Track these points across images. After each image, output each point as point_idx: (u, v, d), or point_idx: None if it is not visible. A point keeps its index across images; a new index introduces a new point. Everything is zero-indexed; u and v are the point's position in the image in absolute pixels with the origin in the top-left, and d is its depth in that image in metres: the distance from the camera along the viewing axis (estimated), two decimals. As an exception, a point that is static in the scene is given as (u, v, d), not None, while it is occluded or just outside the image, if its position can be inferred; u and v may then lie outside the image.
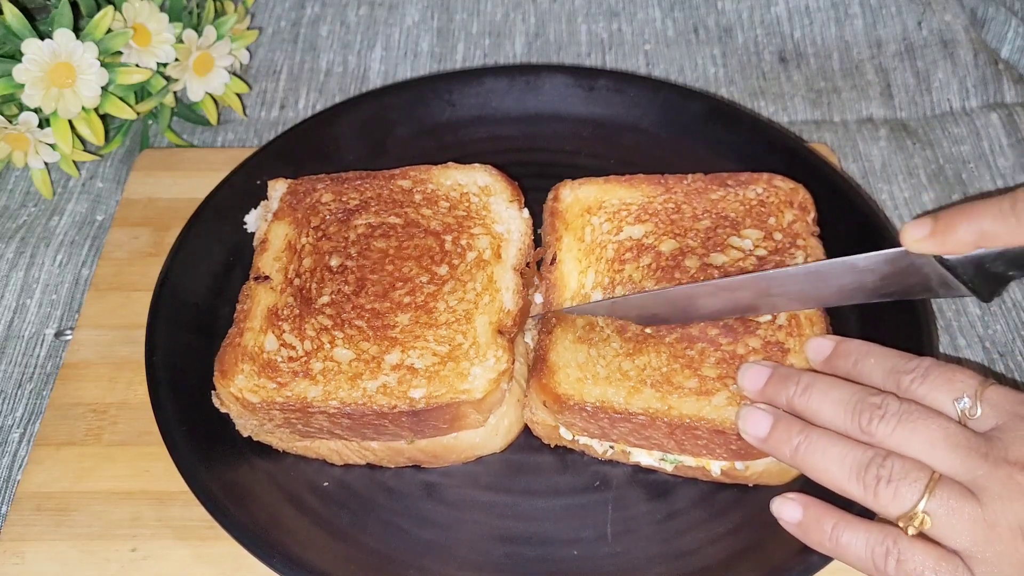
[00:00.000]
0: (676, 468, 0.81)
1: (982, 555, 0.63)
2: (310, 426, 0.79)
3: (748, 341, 0.80)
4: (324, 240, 0.88)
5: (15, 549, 0.78)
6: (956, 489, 0.64)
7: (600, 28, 1.27)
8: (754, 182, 0.90)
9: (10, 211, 1.07)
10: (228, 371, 0.79)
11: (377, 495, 0.81)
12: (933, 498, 0.64)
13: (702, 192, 0.90)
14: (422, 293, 0.84)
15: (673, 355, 0.80)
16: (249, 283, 0.86)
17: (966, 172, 1.09)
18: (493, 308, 0.83)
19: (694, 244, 0.87)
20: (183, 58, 1.06)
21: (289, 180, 0.93)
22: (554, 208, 0.91)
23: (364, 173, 0.94)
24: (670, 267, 0.85)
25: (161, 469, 0.81)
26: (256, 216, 0.94)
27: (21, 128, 0.99)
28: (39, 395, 0.91)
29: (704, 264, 0.85)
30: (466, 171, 0.93)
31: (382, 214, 0.90)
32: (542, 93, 1.08)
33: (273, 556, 0.73)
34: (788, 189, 0.89)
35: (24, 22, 0.97)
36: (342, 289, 0.85)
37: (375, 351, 0.80)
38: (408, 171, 0.94)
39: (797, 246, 0.85)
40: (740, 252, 0.86)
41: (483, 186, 0.92)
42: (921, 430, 0.66)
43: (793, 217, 0.88)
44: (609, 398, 0.77)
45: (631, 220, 0.89)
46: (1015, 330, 0.95)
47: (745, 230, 0.87)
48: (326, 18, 1.29)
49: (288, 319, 0.83)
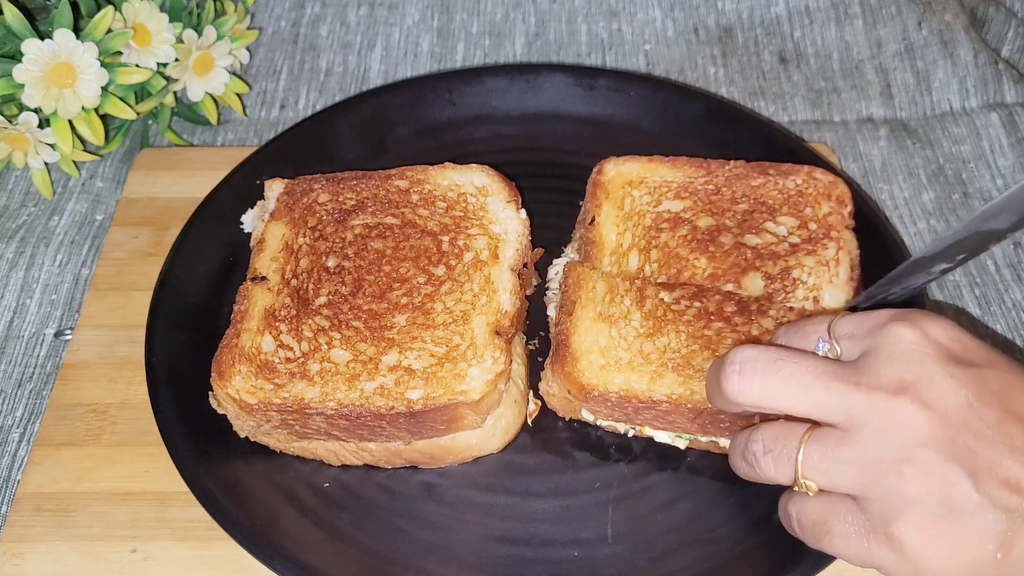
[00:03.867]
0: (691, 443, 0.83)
1: (872, 495, 0.61)
2: (307, 427, 0.79)
3: (762, 322, 0.82)
4: (321, 240, 0.88)
5: (15, 550, 0.78)
6: (830, 438, 0.62)
7: (600, 28, 1.27)
8: (795, 173, 0.91)
9: (10, 211, 1.07)
10: (225, 372, 0.79)
11: (377, 496, 0.81)
12: (808, 457, 0.62)
13: (743, 178, 0.92)
14: (419, 294, 0.84)
15: (692, 335, 0.81)
16: (246, 284, 0.86)
17: (966, 172, 1.09)
18: (490, 309, 0.83)
19: (730, 224, 0.89)
20: (183, 58, 1.06)
21: (286, 180, 0.93)
22: (596, 180, 0.93)
23: (360, 173, 0.94)
24: (705, 240, 0.87)
25: (161, 470, 0.81)
26: (253, 216, 0.94)
27: (21, 128, 0.99)
28: (39, 395, 0.91)
29: (738, 243, 0.87)
30: (463, 171, 0.93)
31: (379, 215, 0.90)
32: (542, 92, 1.08)
33: (273, 557, 0.73)
34: (828, 182, 0.91)
35: (24, 22, 0.97)
36: (339, 290, 0.85)
37: (372, 352, 0.80)
38: (405, 171, 0.93)
39: (831, 237, 0.87)
40: (774, 237, 0.88)
41: (480, 186, 0.92)
42: (788, 375, 0.63)
43: (829, 209, 0.89)
44: (632, 386, 0.78)
45: (671, 196, 0.91)
46: (1015, 330, 0.95)
47: (781, 217, 0.89)
48: (326, 18, 1.29)
49: (285, 320, 0.83)
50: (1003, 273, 0.99)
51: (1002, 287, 0.98)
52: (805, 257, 0.86)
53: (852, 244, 0.87)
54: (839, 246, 0.86)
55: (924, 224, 1.04)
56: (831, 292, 0.84)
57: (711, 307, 0.83)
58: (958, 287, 0.98)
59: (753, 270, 0.85)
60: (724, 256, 0.86)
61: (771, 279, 0.85)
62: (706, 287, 0.85)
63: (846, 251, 0.86)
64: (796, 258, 0.86)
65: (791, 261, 0.85)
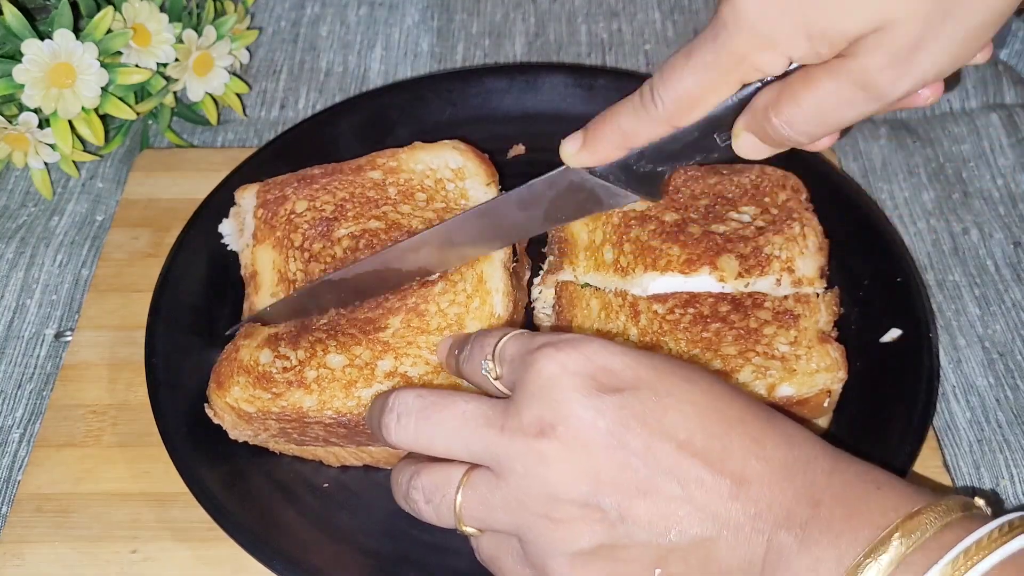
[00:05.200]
0: None
1: (527, 537, 0.60)
2: (305, 435, 0.79)
3: (759, 314, 0.83)
4: (313, 263, 0.88)
5: (15, 551, 0.78)
6: (483, 484, 0.61)
7: (600, 28, 1.27)
8: (747, 171, 0.94)
9: (10, 211, 1.07)
10: (224, 383, 0.79)
11: (377, 496, 0.81)
12: (466, 504, 0.61)
13: (699, 178, 0.94)
14: (412, 296, 0.84)
15: (691, 340, 0.82)
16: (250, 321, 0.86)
17: (966, 171, 1.09)
18: (484, 314, 0.82)
19: (695, 216, 0.91)
20: (183, 58, 1.06)
21: (256, 186, 0.92)
22: None
23: (330, 167, 0.92)
24: (674, 231, 0.89)
25: (161, 471, 0.81)
26: (230, 228, 0.93)
27: (21, 128, 0.99)
28: (39, 395, 0.91)
29: (706, 231, 0.89)
30: (435, 151, 0.92)
31: (361, 219, 0.89)
32: (542, 92, 1.08)
33: (273, 557, 0.73)
34: (780, 175, 0.93)
35: (24, 22, 0.97)
36: (340, 310, 0.85)
37: (368, 356, 0.80)
38: (375, 159, 0.92)
39: (793, 218, 0.89)
40: (739, 223, 0.90)
41: (456, 168, 0.91)
42: (440, 421, 0.62)
43: (787, 197, 0.92)
44: None
45: None
46: (1015, 330, 0.95)
47: (743, 207, 0.91)
48: (326, 18, 1.29)
49: (286, 339, 0.83)
50: (1003, 273, 0.99)
51: (1002, 287, 0.98)
52: (773, 236, 0.88)
53: (814, 221, 0.89)
54: (803, 223, 0.89)
55: (924, 224, 1.04)
56: (804, 262, 0.86)
57: (705, 310, 0.83)
58: (958, 287, 0.98)
59: (726, 252, 0.87)
60: (695, 243, 0.88)
61: (745, 258, 0.86)
62: (697, 293, 0.85)
63: (811, 227, 0.89)
64: (765, 238, 0.88)
65: (761, 241, 0.87)
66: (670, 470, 0.58)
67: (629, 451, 0.58)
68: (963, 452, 0.87)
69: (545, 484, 0.59)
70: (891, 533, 0.55)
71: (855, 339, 0.85)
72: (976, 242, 1.02)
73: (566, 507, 0.59)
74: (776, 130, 0.66)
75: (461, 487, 0.62)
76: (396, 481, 0.67)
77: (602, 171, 0.74)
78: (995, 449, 0.87)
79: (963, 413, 0.89)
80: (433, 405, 0.63)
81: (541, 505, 0.59)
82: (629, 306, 0.85)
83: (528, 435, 0.59)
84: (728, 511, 0.58)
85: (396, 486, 0.67)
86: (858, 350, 0.84)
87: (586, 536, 0.59)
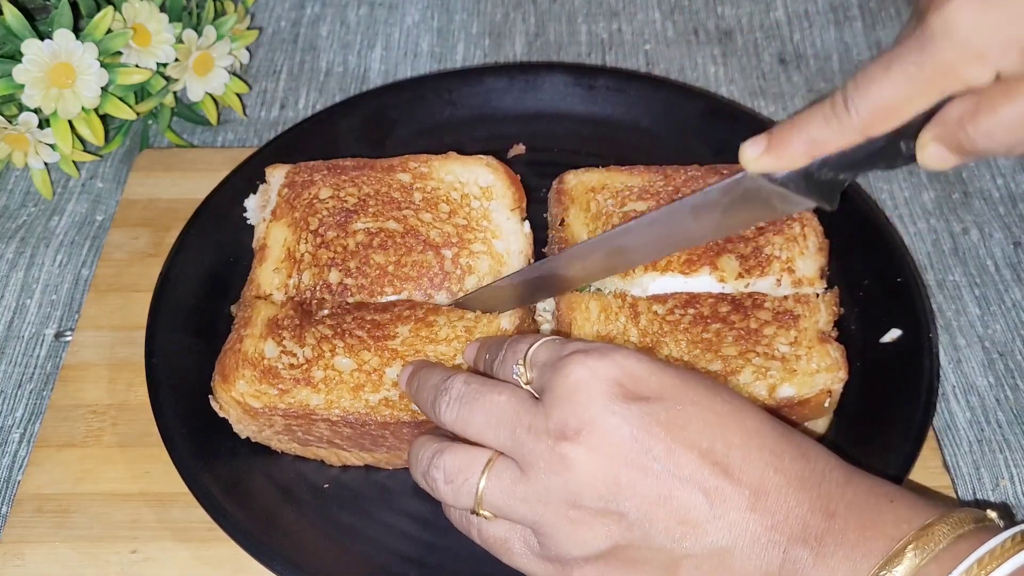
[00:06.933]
0: None
1: (545, 532, 0.62)
2: (310, 434, 0.79)
3: (759, 315, 0.83)
4: (323, 249, 0.88)
5: (15, 551, 0.78)
6: (508, 475, 0.63)
7: (600, 28, 1.27)
8: None
9: (10, 211, 1.07)
10: (229, 376, 0.79)
11: (377, 496, 0.81)
12: (488, 491, 0.63)
13: (699, 179, 0.93)
14: (422, 308, 0.84)
15: (692, 341, 0.82)
16: (250, 294, 0.85)
17: (966, 171, 1.09)
18: (491, 329, 0.82)
19: None
20: (183, 58, 1.06)
21: (288, 167, 0.93)
22: (559, 188, 0.94)
23: (363, 162, 0.93)
24: None
25: (161, 471, 0.81)
26: (255, 204, 0.93)
27: (21, 128, 0.99)
28: (39, 395, 0.91)
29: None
30: (468, 165, 0.92)
31: (380, 217, 0.89)
32: (542, 92, 1.08)
33: (273, 557, 0.73)
34: None
35: (24, 22, 0.97)
36: (342, 304, 0.85)
37: (376, 363, 0.80)
38: (408, 162, 0.92)
39: (792, 218, 0.89)
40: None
41: (484, 187, 0.91)
42: (478, 410, 0.64)
43: None
44: None
45: (634, 198, 0.92)
46: (1015, 330, 0.95)
47: None
48: (326, 18, 1.29)
49: (288, 328, 0.82)
50: (1003, 273, 0.99)
51: (1002, 287, 0.98)
52: (774, 236, 0.88)
53: (814, 221, 0.89)
54: (803, 223, 0.89)
55: (924, 224, 1.04)
56: (804, 262, 0.86)
57: (705, 311, 0.83)
58: (958, 287, 0.98)
59: (726, 253, 0.87)
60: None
61: (745, 258, 0.87)
62: (697, 294, 0.85)
63: (811, 227, 0.89)
64: (765, 238, 0.88)
65: (761, 241, 0.88)
66: (691, 478, 0.59)
67: (651, 457, 0.60)
68: (963, 452, 0.87)
69: (566, 485, 0.60)
70: (905, 545, 0.56)
71: (855, 339, 0.86)
72: (976, 242, 1.02)
73: (586, 509, 0.60)
74: (973, 142, 0.65)
75: (485, 473, 0.63)
76: (417, 457, 0.68)
77: (782, 178, 0.72)
78: (995, 449, 0.87)
79: (963, 413, 0.89)
80: (475, 392, 0.65)
81: (562, 505, 0.61)
82: (629, 307, 0.85)
83: (553, 437, 0.60)
84: (745, 521, 0.59)
85: (416, 462, 0.68)
86: (858, 350, 0.84)
87: (603, 538, 0.60)
